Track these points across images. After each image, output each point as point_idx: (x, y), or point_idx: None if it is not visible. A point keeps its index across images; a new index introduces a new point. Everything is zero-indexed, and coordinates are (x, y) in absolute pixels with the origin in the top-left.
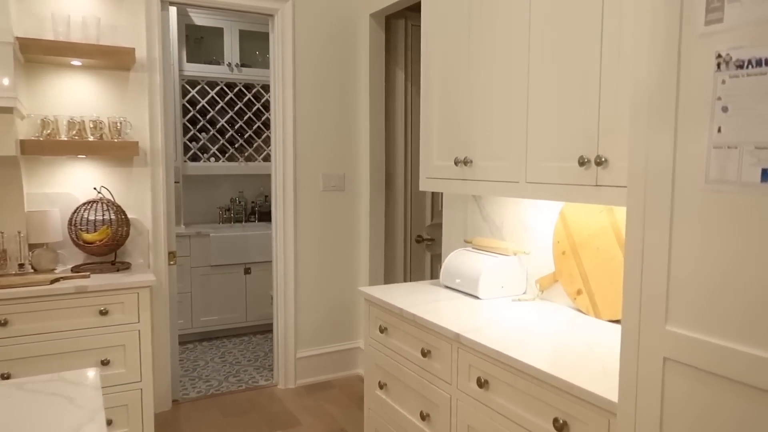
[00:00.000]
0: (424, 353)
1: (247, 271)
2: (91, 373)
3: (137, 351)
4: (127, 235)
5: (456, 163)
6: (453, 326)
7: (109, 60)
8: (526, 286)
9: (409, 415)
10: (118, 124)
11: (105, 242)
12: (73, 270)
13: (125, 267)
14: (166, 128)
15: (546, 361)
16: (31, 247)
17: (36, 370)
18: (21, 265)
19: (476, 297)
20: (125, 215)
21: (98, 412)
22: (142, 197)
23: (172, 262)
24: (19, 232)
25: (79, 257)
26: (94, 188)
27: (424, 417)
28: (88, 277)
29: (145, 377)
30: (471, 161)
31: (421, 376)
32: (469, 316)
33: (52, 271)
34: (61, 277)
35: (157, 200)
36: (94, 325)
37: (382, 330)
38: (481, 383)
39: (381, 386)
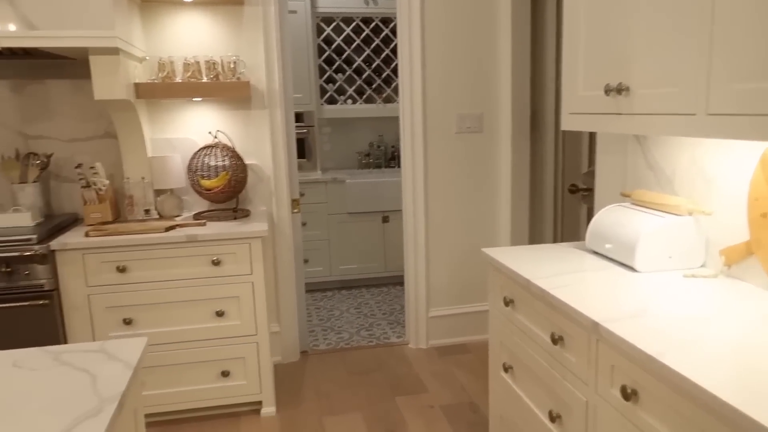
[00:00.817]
0: (555, 340)
1: (385, 220)
2: (138, 346)
3: (251, 303)
4: (245, 181)
5: (607, 91)
6: (591, 310)
7: None
8: (706, 257)
9: (537, 410)
10: (232, 64)
11: (222, 189)
12: (195, 217)
13: (244, 215)
14: (284, 66)
15: (727, 380)
16: (158, 192)
17: (154, 318)
18: (147, 211)
19: (632, 269)
20: (242, 161)
21: (110, 403)
22: (262, 141)
23: (295, 210)
24: (143, 178)
25: (203, 204)
26: (209, 133)
27: (554, 418)
28: (204, 225)
29: (260, 331)
30: (627, 88)
31: (552, 366)
32: (618, 296)
33: (175, 217)
34: (177, 225)
35: (277, 145)
36: (208, 275)
37: (507, 302)
38: (627, 394)
39: (506, 369)
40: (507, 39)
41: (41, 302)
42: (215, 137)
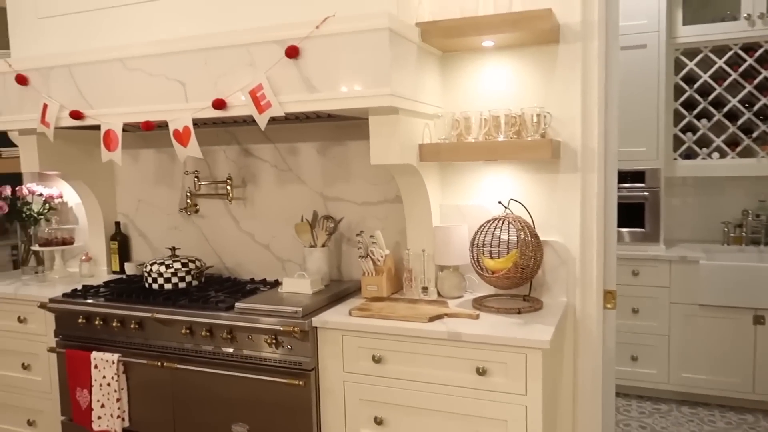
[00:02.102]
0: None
1: (759, 320)
2: None
3: None
4: (539, 264)
5: None
6: None
7: (521, 30)
8: None
9: None
10: (535, 117)
11: (507, 273)
12: (474, 303)
13: (533, 308)
14: (608, 117)
15: None
16: (441, 267)
17: (406, 424)
18: (425, 289)
19: None
20: (537, 238)
21: None
22: (569, 214)
23: (609, 305)
24: (423, 250)
25: (488, 286)
26: (499, 202)
27: None
28: (477, 318)
29: None
30: None
31: None
32: None
33: (454, 298)
34: (445, 314)
35: (589, 218)
36: (470, 385)
37: None
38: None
39: None
40: None
41: (298, 382)
42: (506, 207)
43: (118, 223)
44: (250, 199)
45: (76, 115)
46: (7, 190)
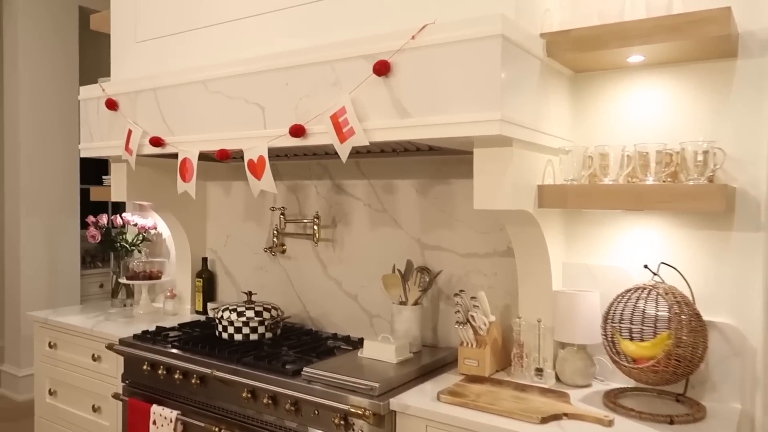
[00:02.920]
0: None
1: None
2: None
3: None
4: (700, 357)
5: None
6: None
7: (685, 39)
8: None
9: None
10: (700, 155)
11: (654, 366)
12: (606, 399)
13: (691, 417)
14: None
15: None
16: (561, 345)
17: None
18: (539, 371)
19: None
20: (700, 320)
21: None
22: (746, 287)
23: None
24: (539, 321)
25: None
26: (645, 266)
27: None
28: (609, 424)
29: None
30: None
31: None
32: None
33: (580, 387)
34: (565, 413)
35: None
36: None
37: None
38: None
39: None
40: None
41: None
42: (654, 273)
43: (205, 259)
44: (339, 241)
45: (156, 142)
46: (103, 219)
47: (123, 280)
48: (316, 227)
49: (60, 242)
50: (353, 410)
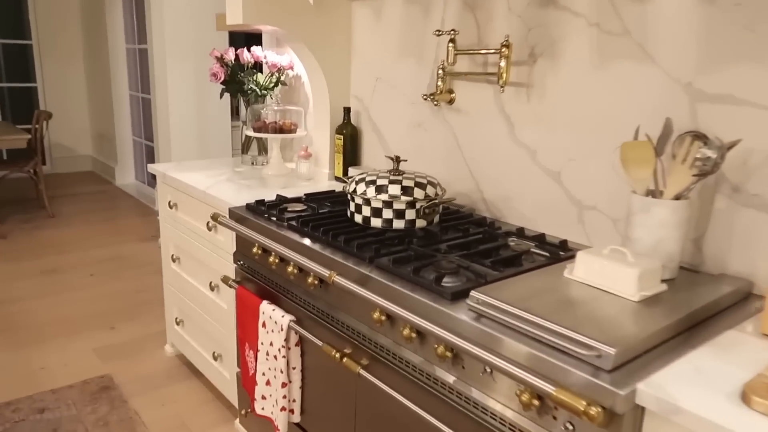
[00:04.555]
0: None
1: None
2: None
3: None
4: None
5: None
6: None
7: None
8: None
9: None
10: None
11: None
12: None
13: None
14: None
15: None
16: None
17: None
18: None
19: None
20: None
21: None
22: None
23: None
24: None
25: None
26: None
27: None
28: None
29: None
30: None
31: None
32: None
33: None
34: None
35: None
36: None
37: None
38: None
39: None
40: None
41: None
42: None
43: (348, 110)
44: (539, 86)
45: None
46: (230, 54)
47: (249, 132)
48: (503, 63)
49: (207, 90)
50: (560, 398)
